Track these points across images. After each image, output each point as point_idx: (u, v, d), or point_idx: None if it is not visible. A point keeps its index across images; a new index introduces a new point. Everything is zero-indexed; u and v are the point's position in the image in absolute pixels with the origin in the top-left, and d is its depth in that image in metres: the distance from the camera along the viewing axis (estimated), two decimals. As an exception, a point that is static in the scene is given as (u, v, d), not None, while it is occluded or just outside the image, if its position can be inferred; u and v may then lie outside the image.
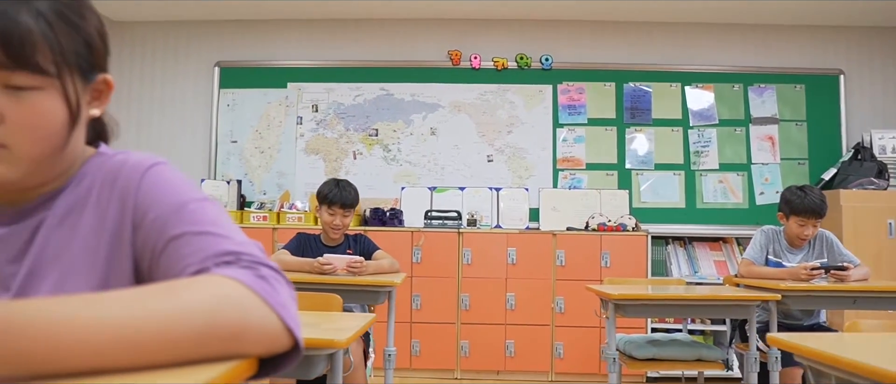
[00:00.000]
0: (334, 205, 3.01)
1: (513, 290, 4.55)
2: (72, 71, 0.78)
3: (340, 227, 3.05)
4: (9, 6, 0.73)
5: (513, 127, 5.06)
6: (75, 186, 0.85)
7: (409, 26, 5.17)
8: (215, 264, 0.73)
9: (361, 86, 5.11)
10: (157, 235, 0.79)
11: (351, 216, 3.08)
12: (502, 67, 5.09)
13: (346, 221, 3.06)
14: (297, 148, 5.10)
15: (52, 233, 0.83)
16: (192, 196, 0.82)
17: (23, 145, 0.76)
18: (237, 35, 5.25)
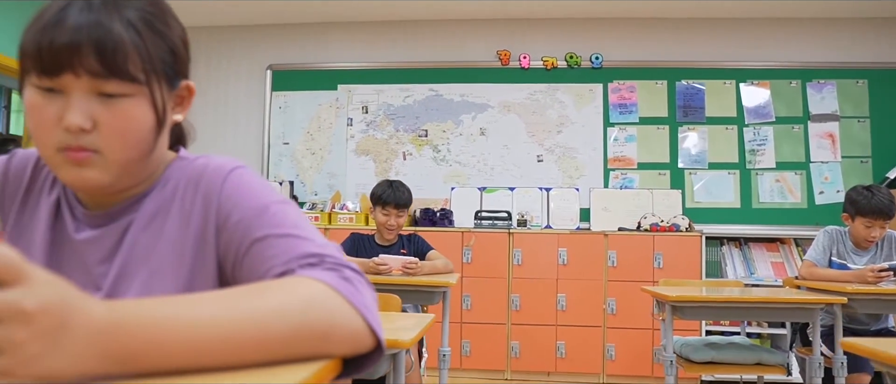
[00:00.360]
0: (388, 206, 3.05)
1: (564, 291, 4.51)
2: (159, 78, 0.81)
3: (394, 227, 3.08)
4: (102, 16, 0.75)
5: (563, 126, 5.02)
6: (160, 189, 0.88)
7: (458, 27, 5.18)
8: (299, 266, 0.75)
9: (411, 87, 5.14)
10: (240, 237, 0.81)
11: (404, 216, 3.11)
12: (552, 67, 5.06)
13: (400, 221, 3.09)
14: (347, 149, 5.16)
15: (139, 235, 0.85)
16: (273, 199, 0.84)
17: (114, 150, 0.78)
18: (288, 38, 5.34)
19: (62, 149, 0.77)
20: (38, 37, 0.75)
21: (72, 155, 0.77)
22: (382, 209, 3.06)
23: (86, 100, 0.76)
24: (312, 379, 0.62)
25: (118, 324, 0.55)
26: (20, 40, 0.79)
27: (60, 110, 0.76)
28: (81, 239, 0.86)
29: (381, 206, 3.07)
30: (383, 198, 3.05)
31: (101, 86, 0.76)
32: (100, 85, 0.76)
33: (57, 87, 0.76)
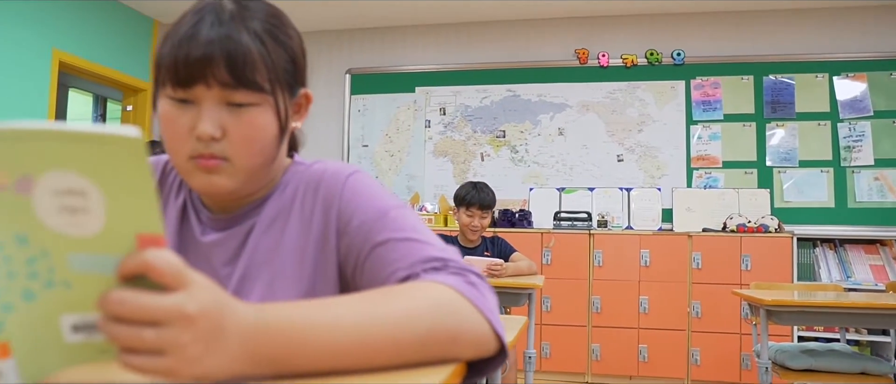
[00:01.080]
0: (472, 207, 3.06)
1: (646, 293, 4.41)
2: (282, 87, 0.84)
3: (478, 229, 3.09)
4: (231, 29, 0.79)
5: (643, 125, 4.91)
6: (280, 194, 0.91)
7: (535, 26, 5.14)
8: (424, 270, 0.76)
9: (488, 88, 5.14)
10: (361, 241, 0.83)
11: (489, 217, 3.12)
12: (631, 64, 4.96)
13: (484, 223, 3.10)
14: (425, 151, 5.21)
15: (261, 238, 0.89)
16: (392, 203, 0.86)
17: (242, 158, 0.81)
18: (366, 42, 5.44)
19: (194, 157, 0.80)
20: (173, 51, 0.79)
21: (203, 162, 0.80)
22: (466, 210, 3.08)
23: (216, 109, 0.79)
24: (447, 381, 0.64)
25: (265, 327, 0.57)
26: (156, 54, 0.83)
27: (192, 120, 0.80)
28: (207, 241, 0.90)
29: (465, 208, 3.08)
30: (468, 200, 3.06)
31: (230, 96, 0.79)
32: (229, 95, 0.79)
33: (189, 98, 0.80)
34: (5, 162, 0.49)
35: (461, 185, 3.19)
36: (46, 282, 0.52)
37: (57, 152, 0.49)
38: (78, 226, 0.50)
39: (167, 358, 0.49)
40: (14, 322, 0.52)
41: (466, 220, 3.08)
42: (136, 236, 0.51)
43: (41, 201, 0.50)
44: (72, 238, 0.51)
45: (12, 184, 0.50)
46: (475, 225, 3.08)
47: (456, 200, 3.14)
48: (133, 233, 0.51)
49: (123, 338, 0.49)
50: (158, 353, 0.49)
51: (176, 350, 0.49)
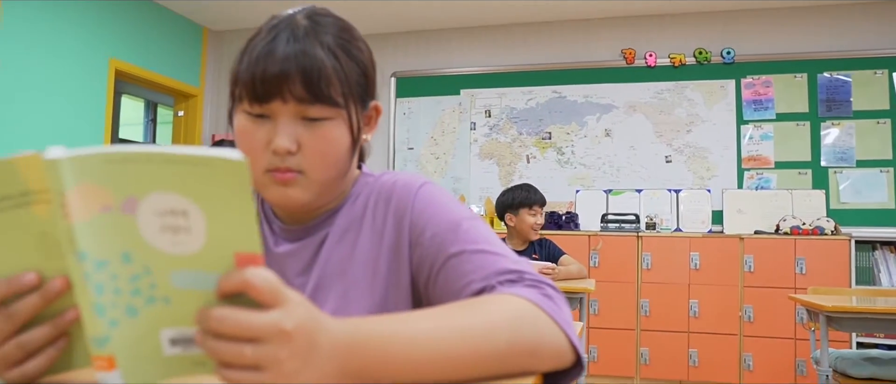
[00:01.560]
0: (535, 206, 3.08)
1: (696, 297, 4.33)
2: (354, 100, 0.85)
3: (539, 227, 3.12)
4: (306, 45, 0.80)
5: (692, 125, 4.83)
6: (351, 205, 0.92)
7: (581, 27, 5.10)
8: (499, 282, 0.76)
9: (533, 89, 5.12)
10: (435, 253, 0.83)
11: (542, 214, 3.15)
12: (680, 64, 4.88)
13: (542, 221, 3.14)
14: (471, 153, 5.21)
15: (333, 249, 0.90)
16: (464, 214, 0.86)
17: (316, 170, 0.83)
18: (411, 45, 5.46)
19: (270, 170, 0.82)
20: (251, 67, 0.80)
21: (278, 176, 0.82)
22: (530, 210, 3.08)
23: (292, 124, 0.81)
24: (527, 395, 0.64)
25: (355, 342, 0.58)
26: (233, 70, 0.85)
27: (268, 134, 0.81)
28: (281, 252, 0.92)
29: (528, 208, 3.08)
30: (531, 199, 3.08)
31: (305, 110, 0.81)
32: (304, 110, 0.81)
33: (265, 113, 0.81)
34: (113, 184, 0.51)
35: (510, 190, 3.17)
36: (148, 298, 0.54)
37: (162, 174, 0.50)
38: (179, 245, 0.52)
39: (265, 373, 0.50)
40: (118, 336, 0.54)
41: (532, 220, 3.08)
42: (234, 254, 0.52)
43: (145, 221, 0.52)
44: (173, 256, 0.53)
45: (119, 205, 0.52)
46: (539, 222, 3.10)
47: (515, 204, 3.11)
48: (232, 252, 0.52)
49: (223, 353, 0.50)
50: (256, 369, 0.50)
51: (274, 365, 0.50)
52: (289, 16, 0.86)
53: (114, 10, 4.51)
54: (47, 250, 0.56)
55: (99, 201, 0.52)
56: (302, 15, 0.85)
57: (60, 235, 0.52)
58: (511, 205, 3.12)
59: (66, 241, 0.52)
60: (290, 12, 0.87)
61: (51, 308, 0.58)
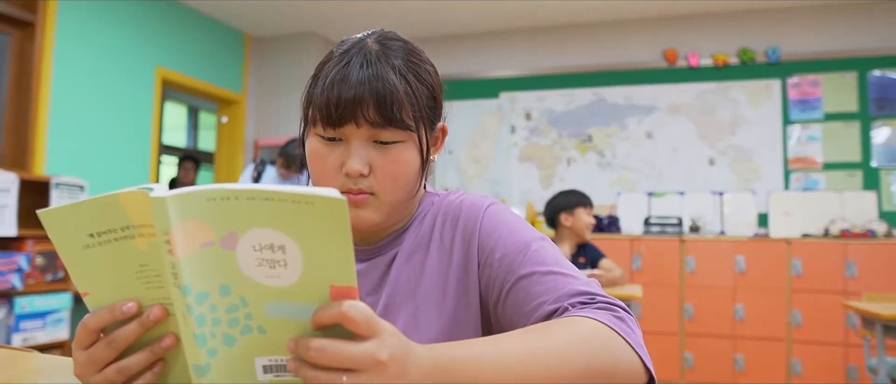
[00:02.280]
0: (588, 206, 3.07)
1: (742, 301, 4.26)
2: (424, 123, 0.86)
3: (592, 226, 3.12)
4: (379, 69, 0.81)
5: (736, 127, 4.75)
6: (418, 225, 0.93)
7: (621, 28, 5.06)
8: (571, 304, 0.76)
9: (573, 92, 5.09)
10: (505, 274, 0.84)
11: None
12: (723, 64, 4.80)
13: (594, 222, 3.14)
14: (511, 156, 5.20)
15: (402, 269, 0.91)
16: (533, 235, 0.86)
17: (387, 192, 0.84)
18: (450, 49, 5.48)
19: (342, 192, 0.83)
20: (326, 92, 0.81)
21: (351, 198, 0.83)
22: (586, 210, 3.07)
23: (364, 147, 0.82)
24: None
25: (442, 368, 0.60)
26: (305, 94, 0.87)
27: (341, 157, 0.83)
28: None
29: (583, 208, 3.07)
30: (586, 200, 3.08)
31: (377, 134, 0.82)
32: (377, 133, 0.82)
33: (338, 136, 0.83)
34: (213, 221, 0.53)
35: (563, 193, 3.15)
36: (244, 327, 0.56)
37: (261, 212, 0.52)
38: (275, 278, 0.54)
39: None
40: (217, 365, 0.56)
41: (588, 220, 3.07)
42: (329, 287, 0.54)
43: (243, 255, 0.54)
44: (269, 288, 0.54)
45: (219, 240, 0.54)
46: (593, 223, 3.10)
47: (571, 204, 3.09)
48: (327, 285, 0.54)
49: (320, 382, 0.52)
50: None
51: None
52: (359, 40, 0.87)
53: (159, 20, 4.62)
54: (147, 280, 0.59)
55: (201, 237, 0.53)
56: (372, 39, 0.87)
57: (165, 270, 0.54)
58: (567, 205, 3.10)
59: (170, 276, 0.54)
60: (360, 37, 0.88)
61: (149, 334, 0.61)
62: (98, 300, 0.61)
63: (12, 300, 3.28)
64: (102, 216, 0.57)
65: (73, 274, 0.61)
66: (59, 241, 0.59)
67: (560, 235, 3.13)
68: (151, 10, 4.55)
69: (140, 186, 0.55)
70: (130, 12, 4.37)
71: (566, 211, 3.07)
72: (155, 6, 4.58)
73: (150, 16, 4.54)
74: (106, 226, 0.57)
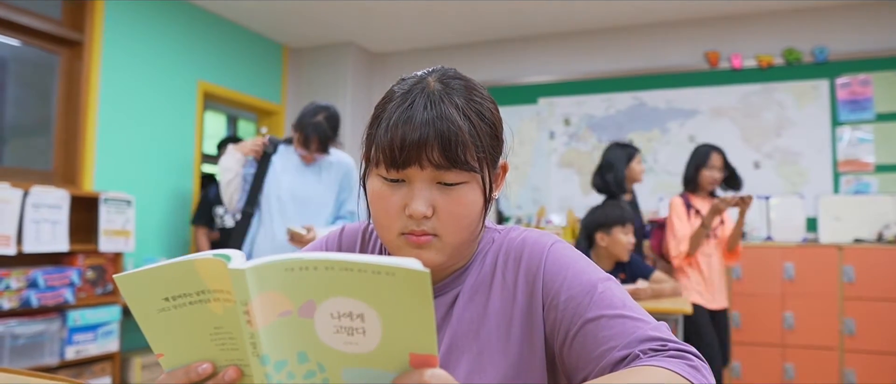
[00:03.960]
0: (628, 224, 2.89)
1: (791, 309, 4.15)
2: (487, 162, 0.84)
3: (632, 247, 2.96)
4: (443, 110, 0.80)
5: (782, 129, 4.63)
6: (480, 263, 0.92)
7: (661, 30, 4.98)
8: (642, 351, 0.74)
9: (613, 96, 5.02)
10: (571, 317, 0.82)
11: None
12: (767, 65, 4.69)
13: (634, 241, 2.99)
14: (550, 162, 5.16)
15: (465, 309, 0.90)
16: (598, 276, 0.84)
17: (450, 233, 0.83)
18: (487, 55, 5.46)
19: (405, 233, 0.83)
20: (390, 133, 0.80)
21: (413, 239, 0.82)
22: (623, 228, 2.88)
23: (427, 188, 0.81)
24: None
25: None
26: (366, 133, 0.86)
27: (404, 198, 0.82)
28: None
29: (621, 226, 2.88)
30: (625, 217, 2.89)
31: (441, 176, 0.80)
32: (440, 175, 0.80)
33: (401, 178, 0.82)
34: (291, 291, 0.53)
35: (601, 207, 2.98)
36: None
37: (340, 281, 0.51)
38: (353, 345, 0.53)
39: None
40: None
41: (625, 240, 2.88)
42: (409, 354, 0.53)
43: (321, 323, 0.53)
44: (347, 354, 0.54)
45: (297, 309, 0.53)
46: (632, 242, 2.91)
47: (608, 222, 2.90)
48: (407, 352, 0.53)
49: None
50: None
51: None
52: (420, 79, 0.86)
53: (201, 34, 4.70)
54: (221, 342, 0.59)
55: (279, 307, 0.53)
56: (433, 78, 0.85)
57: (244, 339, 0.54)
58: (603, 223, 2.92)
59: (249, 345, 0.54)
60: (421, 74, 0.87)
61: None
62: (173, 361, 0.61)
63: (65, 314, 3.36)
64: (178, 281, 0.57)
65: (148, 335, 0.61)
66: (135, 305, 0.59)
67: (596, 253, 2.97)
68: (194, 25, 4.63)
69: (215, 252, 0.55)
70: (173, 28, 4.45)
71: (602, 230, 2.91)
72: (197, 21, 4.66)
73: (193, 30, 4.62)
74: (181, 291, 0.57)
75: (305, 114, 2.73)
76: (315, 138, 2.68)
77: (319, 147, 2.72)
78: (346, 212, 2.89)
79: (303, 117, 2.73)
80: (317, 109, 2.72)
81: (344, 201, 2.88)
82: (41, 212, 3.30)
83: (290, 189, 2.76)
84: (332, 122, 2.72)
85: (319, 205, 2.77)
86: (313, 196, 2.77)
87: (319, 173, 2.81)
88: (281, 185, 2.76)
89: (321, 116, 2.70)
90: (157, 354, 0.61)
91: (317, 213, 2.77)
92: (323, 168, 2.82)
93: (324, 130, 2.68)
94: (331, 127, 2.71)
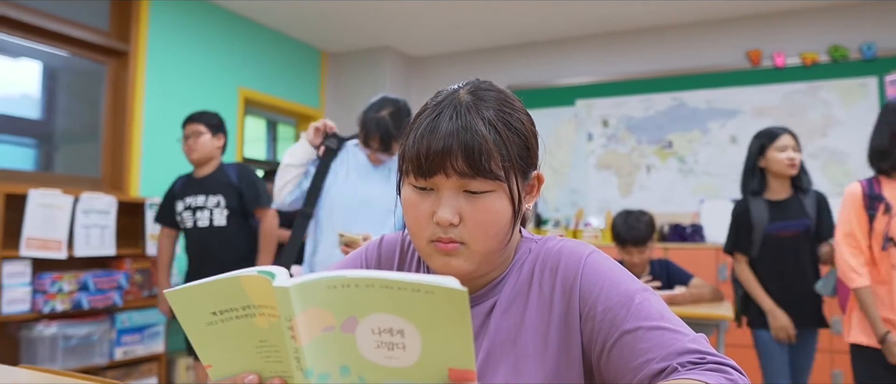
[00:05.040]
0: (628, 245, 2.80)
1: (838, 312, 4.04)
2: (516, 172, 0.85)
3: (639, 265, 2.82)
4: (468, 121, 0.82)
5: (828, 128, 4.52)
6: (516, 273, 0.93)
7: (700, 30, 4.90)
8: (680, 364, 0.74)
9: (652, 97, 4.96)
10: (608, 328, 0.82)
11: (647, 251, 2.82)
12: (812, 63, 4.58)
13: (643, 258, 2.82)
14: (588, 164, 5.12)
15: (502, 318, 0.90)
16: (635, 287, 0.84)
17: (477, 242, 0.84)
18: (524, 58, 5.44)
19: (433, 240, 0.84)
20: (417, 144, 0.83)
21: (441, 246, 0.84)
22: (622, 248, 2.83)
23: (454, 197, 0.83)
24: None
25: None
26: (401, 145, 0.88)
27: (432, 206, 0.84)
28: None
29: (620, 245, 2.83)
30: (622, 237, 2.80)
31: (467, 184, 0.82)
32: (466, 183, 0.82)
33: (429, 186, 0.84)
34: (334, 307, 0.54)
35: (617, 215, 2.92)
36: None
37: (381, 298, 0.53)
38: (394, 359, 0.54)
39: None
40: None
41: (625, 258, 2.82)
42: (447, 369, 0.54)
43: (363, 338, 0.55)
44: (388, 369, 0.55)
45: (339, 324, 0.55)
46: (634, 262, 2.81)
47: (619, 242, 2.85)
48: (446, 367, 0.54)
49: None
50: None
51: None
52: (453, 91, 0.88)
53: (242, 42, 4.79)
54: (266, 355, 0.61)
55: (322, 323, 0.55)
56: (465, 90, 0.87)
57: (288, 353, 0.56)
58: (618, 241, 2.87)
59: (293, 359, 0.56)
60: (455, 88, 0.89)
61: None
62: (221, 372, 0.64)
63: (114, 316, 3.47)
64: (225, 296, 0.59)
65: (197, 347, 0.63)
66: (184, 318, 0.61)
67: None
68: (234, 33, 4.72)
69: (259, 269, 0.57)
70: (215, 36, 4.55)
71: (619, 246, 2.86)
72: (237, 28, 4.75)
73: (233, 38, 4.72)
74: (228, 305, 0.59)
75: (370, 107, 2.42)
76: (376, 136, 2.36)
77: (381, 146, 2.38)
78: None
79: (366, 111, 2.41)
80: (382, 103, 2.41)
81: None
82: (90, 217, 3.40)
83: (354, 192, 2.44)
84: (397, 119, 2.37)
85: (386, 211, 2.42)
86: (377, 199, 2.43)
87: (388, 176, 2.48)
88: (343, 189, 2.46)
89: (386, 111, 2.37)
90: (206, 365, 0.64)
91: (383, 220, 2.43)
92: (392, 170, 2.48)
93: (386, 127, 2.35)
94: (396, 124, 2.36)
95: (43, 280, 3.18)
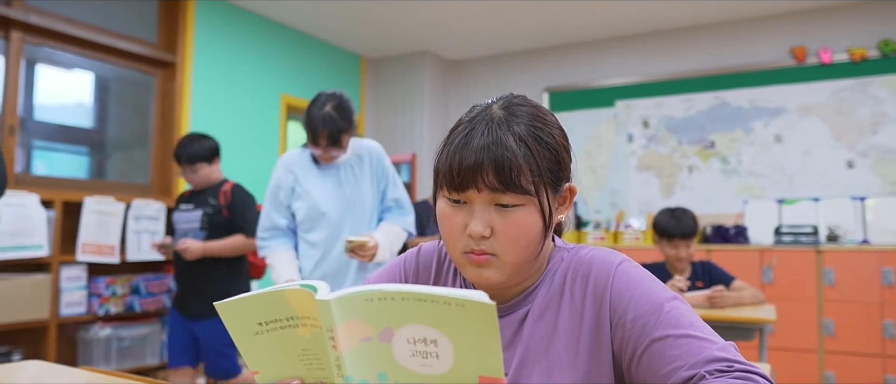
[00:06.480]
0: (674, 238, 2.80)
1: (891, 316, 3.93)
2: (546, 186, 0.88)
3: (685, 259, 2.84)
4: (499, 136, 0.84)
5: (878, 126, 4.40)
6: (549, 282, 0.95)
7: (742, 27, 4.82)
8: (708, 372, 0.76)
9: (693, 96, 4.90)
10: (638, 335, 0.84)
11: (693, 245, 2.84)
12: (860, 58, 4.46)
13: (690, 252, 2.83)
14: (628, 166, 5.08)
15: (535, 326, 0.93)
16: (665, 295, 0.86)
17: (508, 254, 0.87)
18: (563, 59, 5.43)
19: (466, 252, 0.88)
20: (449, 159, 0.87)
21: (474, 258, 0.87)
22: (669, 242, 2.83)
23: (486, 210, 0.86)
24: None
25: None
26: (436, 159, 0.92)
27: (465, 219, 0.87)
28: None
29: (666, 239, 2.83)
30: (669, 230, 2.80)
31: (498, 198, 0.85)
32: (497, 197, 0.85)
33: (462, 199, 0.87)
34: (371, 319, 0.58)
35: (660, 212, 2.93)
36: None
37: (415, 310, 0.56)
38: (428, 367, 0.58)
39: None
40: None
41: (672, 253, 2.84)
42: (479, 377, 0.57)
43: (399, 347, 0.58)
44: (422, 376, 0.58)
45: (377, 335, 0.58)
46: (681, 256, 2.83)
47: (657, 231, 2.89)
48: (477, 375, 0.57)
49: None
50: None
51: None
52: (486, 106, 0.91)
53: (284, 50, 4.91)
54: (309, 362, 0.65)
55: (360, 333, 0.58)
56: (498, 105, 0.90)
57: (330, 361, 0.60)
58: (655, 230, 2.89)
59: (334, 367, 0.59)
60: (489, 102, 0.92)
61: None
62: (267, 378, 0.68)
63: (164, 318, 3.58)
64: (270, 308, 0.63)
65: (245, 355, 0.68)
66: (233, 328, 0.66)
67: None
68: (276, 41, 4.83)
69: (302, 282, 0.61)
70: (257, 45, 4.67)
71: (665, 240, 2.85)
72: (279, 37, 4.86)
73: (276, 46, 4.83)
74: (273, 317, 0.63)
75: (312, 106, 2.35)
76: (325, 132, 2.29)
77: (329, 141, 2.31)
78: (392, 201, 2.52)
79: (309, 111, 2.35)
80: (323, 100, 2.35)
81: (385, 190, 2.51)
82: (141, 223, 3.53)
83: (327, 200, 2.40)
84: (341, 111, 2.33)
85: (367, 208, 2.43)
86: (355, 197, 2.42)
87: (352, 170, 2.45)
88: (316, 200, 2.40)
89: (330, 106, 2.32)
90: (253, 372, 0.68)
91: (370, 217, 2.44)
92: (353, 164, 2.46)
93: (334, 121, 2.29)
94: (342, 117, 2.32)
95: (97, 284, 3.31)
